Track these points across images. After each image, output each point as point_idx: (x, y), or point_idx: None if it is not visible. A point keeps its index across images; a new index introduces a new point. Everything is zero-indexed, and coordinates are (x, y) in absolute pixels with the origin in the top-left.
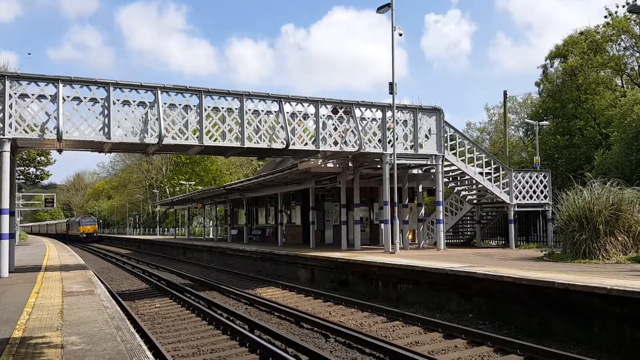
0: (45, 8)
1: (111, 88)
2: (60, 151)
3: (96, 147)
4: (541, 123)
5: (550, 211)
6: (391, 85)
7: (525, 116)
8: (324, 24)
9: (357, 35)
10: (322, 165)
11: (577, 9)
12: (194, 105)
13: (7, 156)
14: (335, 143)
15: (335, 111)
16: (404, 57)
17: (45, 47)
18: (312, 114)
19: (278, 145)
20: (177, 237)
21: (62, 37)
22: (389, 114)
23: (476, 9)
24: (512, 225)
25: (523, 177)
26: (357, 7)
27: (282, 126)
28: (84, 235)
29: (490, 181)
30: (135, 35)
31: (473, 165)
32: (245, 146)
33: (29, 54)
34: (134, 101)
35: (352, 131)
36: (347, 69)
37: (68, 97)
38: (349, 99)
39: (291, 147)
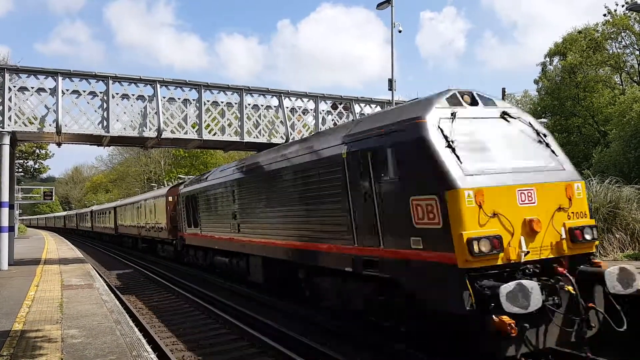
0: (35, 3)
1: (110, 81)
2: (59, 144)
3: (95, 140)
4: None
5: None
6: (390, 81)
7: None
8: (313, 20)
9: (346, 32)
10: None
11: (562, 7)
12: (193, 99)
13: (6, 149)
14: None
15: (334, 107)
16: (394, 54)
17: (36, 41)
18: (311, 109)
19: (277, 140)
20: None
21: (52, 32)
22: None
23: (471, 7)
24: None
25: None
26: (345, 3)
27: (281, 121)
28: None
29: None
30: (124, 30)
31: None
32: (244, 140)
33: None
34: (133, 95)
35: None
36: (336, 66)
37: (67, 90)
38: (348, 95)
39: (291, 141)
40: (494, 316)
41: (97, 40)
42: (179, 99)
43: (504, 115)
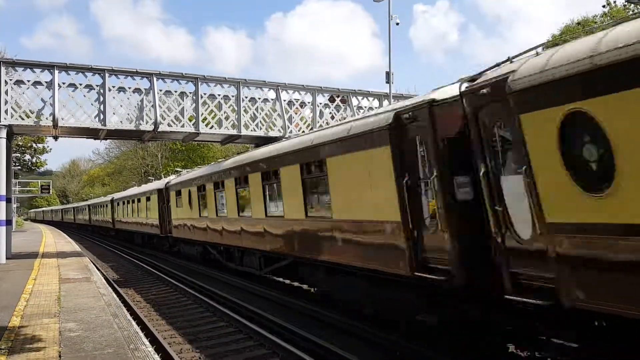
0: None
1: (107, 74)
2: (56, 138)
3: (92, 134)
4: None
5: None
6: (388, 74)
7: None
8: (300, 13)
9: (334, 26)
10: None
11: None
12: (190, 92)
13: (2, 142)
14: None
15: (332, 99)
16: (381, 47)
17: (21, 35)
18: (309, 102)
19: (275, 133)
20: None
21: (38, 26)
22: (385, 103)
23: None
24: None
25: None
26: None
27: (279, 114)
28: None
29: None
30: (111, 23)
31: None
32: (242, 134)
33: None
34: (130, 88)
35: None
36: (324, 59)
37: (64, 83)
38: (345, 88)
39: (288, 135)
40: None
41: (84, 34)
42: (175, 91)
43: None
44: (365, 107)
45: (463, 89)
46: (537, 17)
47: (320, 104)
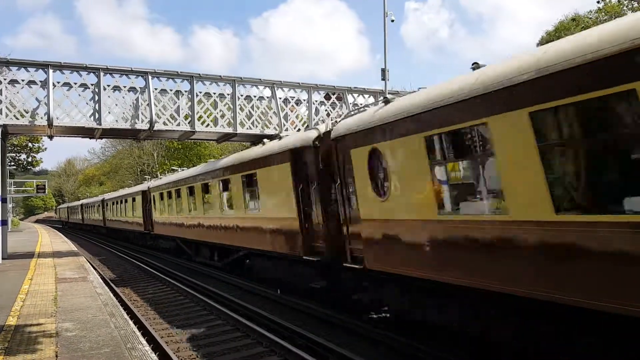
0: None
1: (101, 73)
2: (51, 137)
3: (87, 133)
4: None
5: None
6: (383, 71)
7: None
8: (284, 11)
9: (317, 24)
10: None
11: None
12: (186, 91)
13: None
14: None
15: (328, 97)
16: (367, 45)
17: (5, 35)
18: (304, 100)
19: (271, 131)
20: None
21: (22, 25)
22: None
23: None
24: None
25: None
26: None
27: (274, 112)
28: None
29: None
30: (96, 23)
31: None
32: (237, 132)
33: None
34: (125, 87)
35: None
36: (310, 58)
37: (58, 82)
38: (341, 85)
39: (284, 133)
40: None
41: (69, 33)
42: (170, 90)
43: None
44: (361, 104)
45: None
46: (517, 13)
47: (316, 101)
